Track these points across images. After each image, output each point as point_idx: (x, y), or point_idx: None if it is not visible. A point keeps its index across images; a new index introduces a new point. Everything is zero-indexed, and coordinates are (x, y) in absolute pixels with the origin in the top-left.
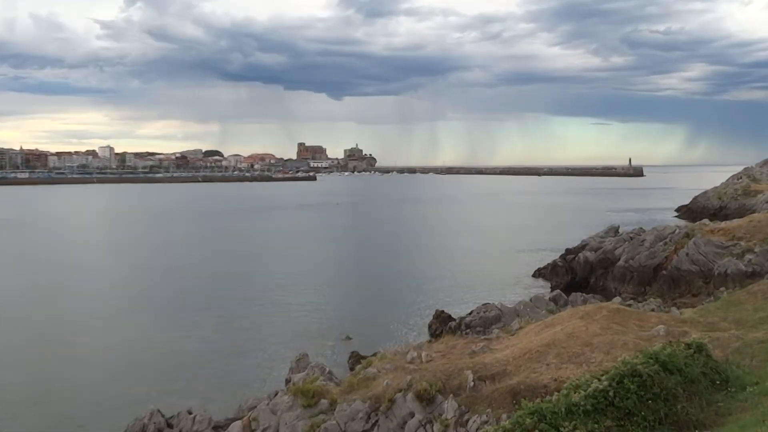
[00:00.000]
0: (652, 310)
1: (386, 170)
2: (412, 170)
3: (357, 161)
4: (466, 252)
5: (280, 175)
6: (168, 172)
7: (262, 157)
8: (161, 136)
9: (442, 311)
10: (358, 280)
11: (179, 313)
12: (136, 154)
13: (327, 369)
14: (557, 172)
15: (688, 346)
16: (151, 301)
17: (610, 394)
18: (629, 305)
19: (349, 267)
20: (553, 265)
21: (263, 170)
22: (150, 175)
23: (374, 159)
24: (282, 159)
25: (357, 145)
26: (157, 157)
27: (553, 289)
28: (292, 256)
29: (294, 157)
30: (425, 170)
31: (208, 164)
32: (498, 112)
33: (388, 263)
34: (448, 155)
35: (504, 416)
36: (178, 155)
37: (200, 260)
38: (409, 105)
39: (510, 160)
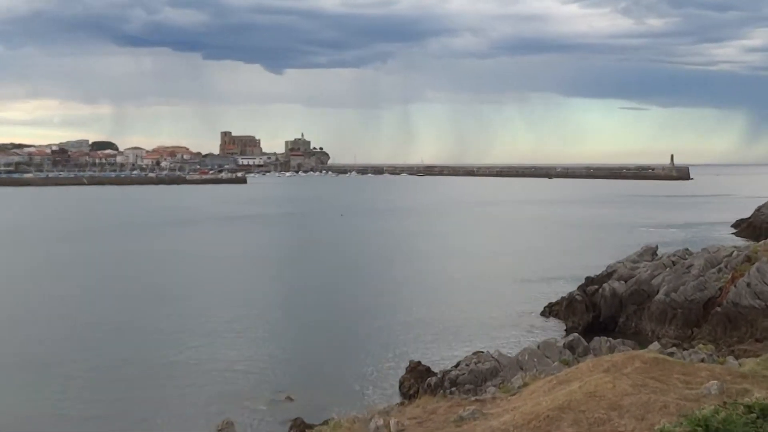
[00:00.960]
0: (702, 360)
1: (343, 170)
2: (378, 170)
3: (303, 158)
4: (451, 282)
5: (196, 176)
6: (41, 170)
7: (172, 152)
8: (32, 121)
9: (419, 362)
10: (305, 320)
11: (57, 373)
12: None
13: None
14: (574, 174)
15: (750, 409)
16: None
17: None
18: (671, 354)
19: (293, 302)
20: (569, 300)
21: (174, 169)
22: (15, 176)
23: (326, 155)
24: (200, 154)
25: (303, 135)
26: (26, 150)
27: (568, 332)
28: (214, 289)
29: (216, 151)
30: (396, 170)
31: (98, 160)
32: (495, 92)
33: (346, 298)
34: (427, 150)
35: None
36: (55, 148)
37: (82, 298)
38: (374, 82)
39: (511, 157)
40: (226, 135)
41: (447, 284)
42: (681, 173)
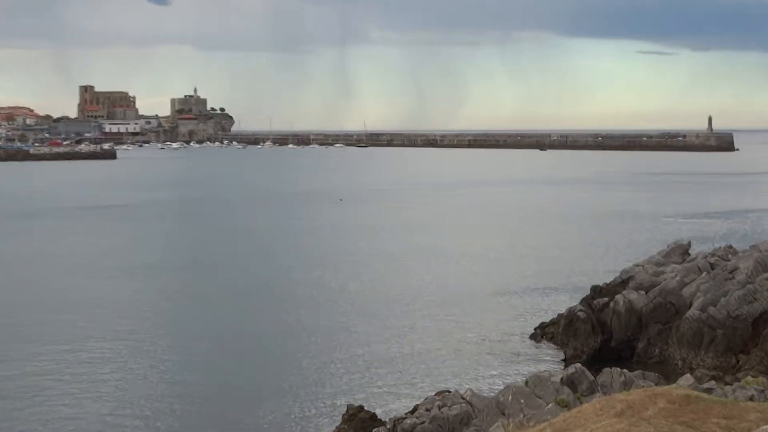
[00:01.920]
0: (751, 397)
1: (254, 139)
2: (303, 139)
3: (197, 122)
4: (409, 294)
5: (44, 149)
6: None
7: (9, 114)
8: None
9: (361, 407)
10: (204, 348)
11: None
12: None
13: None
14: (576, 144)
15: None
16: None
17: None
18: (708, 390)
19: (187, 324)
20: (570, 318)
21: (12, 139)
22: None
23: (230, 118)
24: (50, 118)
25: (196, 92)
26: None
27: (568, 362)
28: (69, 306)
29: (73, 113)
30: (328, 139)
31: None
32: (468, 29)
33: (263, 318)
34: (371, 112)
35: None
36: None
37: None
38: (297, 15)
39: (489, 122)
40: (86, 91)
41: (403, 297)
42: (722, 142)
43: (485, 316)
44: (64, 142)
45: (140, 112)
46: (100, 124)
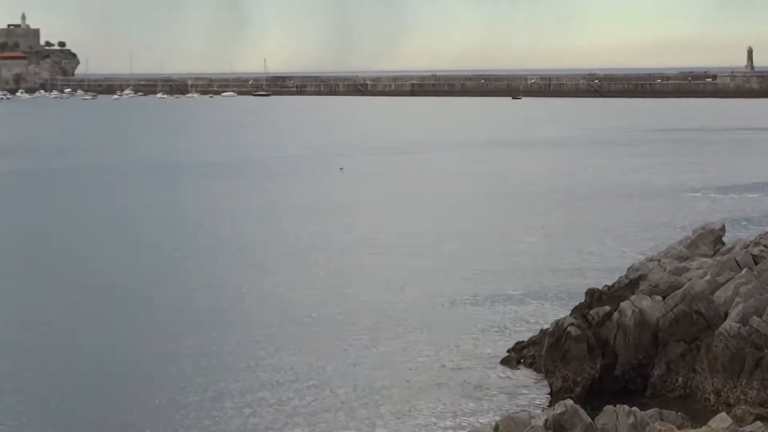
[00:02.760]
0: None
1: (107, 86)
2: (179, 86)
3: (26, 62)
4: (337, 306)
5: None
6: None
7: None
8: None
9: None
10: (39, 381)
11: None
12: None
13: None
14: (563, 90)
15: None
16: None
17: None
18: None
19: (20, 354)
20: (557, 336)
21: None
22: None
23: (74, 57)
24: None
25: (25, 19)
26: None
27: (554, 396)
28: None
29: None
30: (214, 85)
31: None
32: None
33: (121, 338)
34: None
35: None
36: None
37: None
38: None
39: (438, 60)
40: None
41: (334, 306)
42: (766, 84)
43: (443, 332)
44: None
45: None
46: None
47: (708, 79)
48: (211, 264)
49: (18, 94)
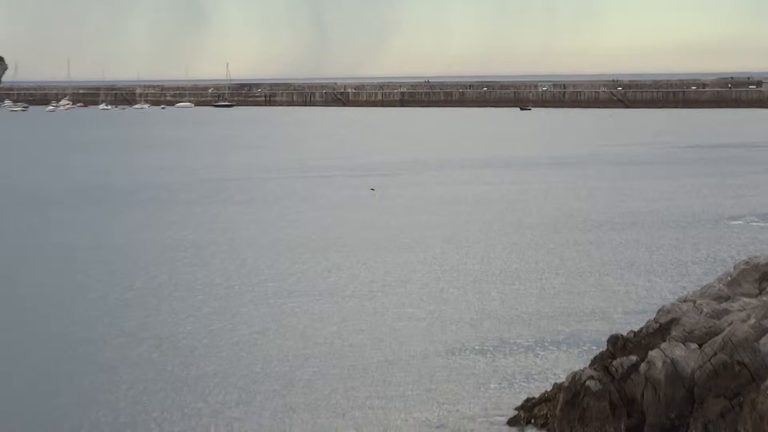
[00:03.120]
0: None
1: (41, 96)
2: (126, 95)
3: None
4: (319, 353)
5: None
6: None
7: None
8: None
9: None
10: None
11: None
12: None
13: None
14: (580, 98)
15: None
16: None
17: None
18: None
19: None
20: (575, 391)
21: None
22: None
23: (1, 62)
24: None
25: None
26: None
27: None
28: None
29: None
30: (168, 94)
31: None
32: None
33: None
34: (237, 52)
35: None
36: None
37: None
38: None
39: (433, 64)
40: None
41: (308, 356)
42: None
43: (441, 387)
44: None
45: None
46: None
47: (752, 86)
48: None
49: None
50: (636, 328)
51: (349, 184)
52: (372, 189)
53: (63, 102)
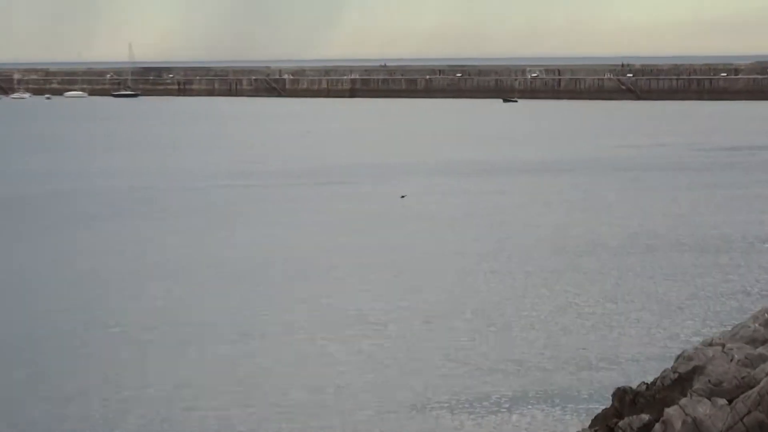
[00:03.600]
0: None
1: None
2: (0, 82)
3: None
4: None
5: None
6: None
7: None
8: None
9: None
10: None
11: None
12: None
13: None
14: (579, 88)
15: None
16: None
17: None
18: None
19: None
20: None
21: None
22: None
23: None
24: None
25: None
26: None
27: None
28: None
29: None
30: (55, 80)
31: None
32: None
33: None
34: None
35: None
36: None
37: None
38: None
39: (393, 45)
40: None
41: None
42: None
43: None
44: None
45: None
46: None
47: None
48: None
49: None
50: (649, 379)
51: (296, 194)
52: (402, 196)
53: None
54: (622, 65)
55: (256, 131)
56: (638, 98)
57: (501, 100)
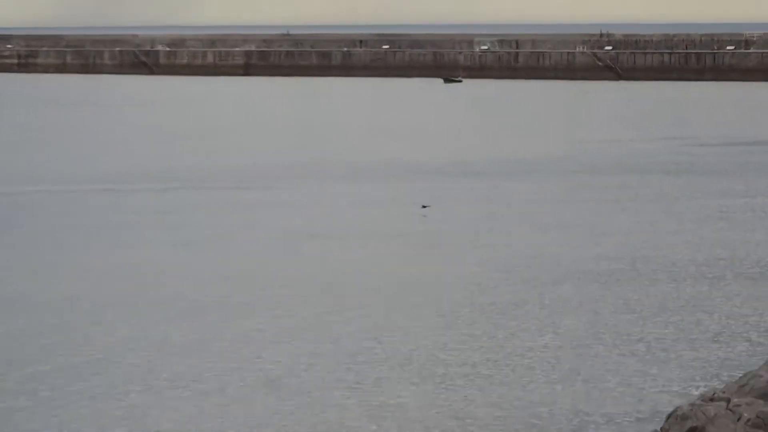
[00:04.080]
0: None
1: None
2: None
3: None
4: None
5: None
6: None
7: None
8: None
9: None
10: None
11: None
12: None
13: None
14: (543, 65)
15: None
16: None
17: None
18: None
19: None
20: None
21: None
22: None
23: None
24: None
25: None
26: None
27: None
28: None
29: None
30: None
31: None
32: None
33: None
34: None
35: None
36: None
37: None
38: None
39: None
40: None
41: None
42: None
43: None
44: None
45: None
46: None
47: None
48: None
49: None
50: None
51: (159, 203)
52: (424, 206)
53: None
54: (600, 35)
55: (120, 121)
56: (620, 78)
57: (441, 80)
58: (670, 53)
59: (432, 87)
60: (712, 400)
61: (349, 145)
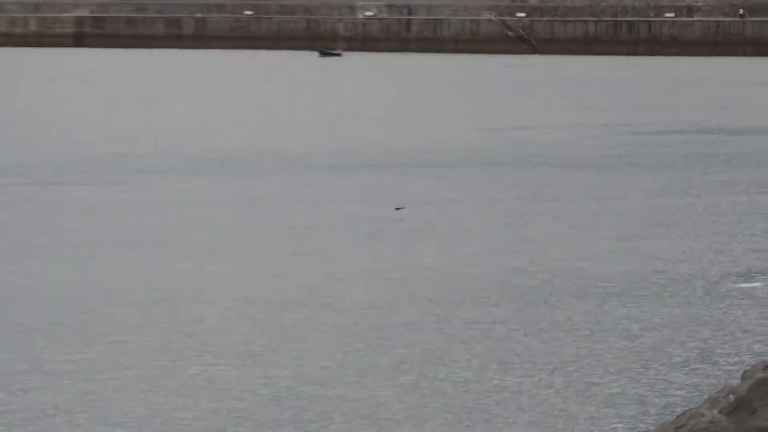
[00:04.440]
0: None
1: None
2: None
3: None
4: None
5: None
6: None
7: None
8: None
9: None
10: None
11: None
12: None
13: None
14: (438, 36)
15: None
16: None
17: None
18: None
19: None
20: None
21: None
22: None
23: None
24: None
25: None
26: None
27: None
28: None
29: None
30: None
31: None
32: None
33: None
34: None
35: None
36: None
37: None
38: None
39: None
40: None
41: None
42: None
43: None
44: None
45: None
46: None
47: None
48: None
49: None
50: None
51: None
52: (397, 208)
53: None
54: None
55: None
56: (535, 51)
57: (317, 53)
58: (596, 22)
59: (305, 61)
60: (691, 417)
61: (201, 133)
